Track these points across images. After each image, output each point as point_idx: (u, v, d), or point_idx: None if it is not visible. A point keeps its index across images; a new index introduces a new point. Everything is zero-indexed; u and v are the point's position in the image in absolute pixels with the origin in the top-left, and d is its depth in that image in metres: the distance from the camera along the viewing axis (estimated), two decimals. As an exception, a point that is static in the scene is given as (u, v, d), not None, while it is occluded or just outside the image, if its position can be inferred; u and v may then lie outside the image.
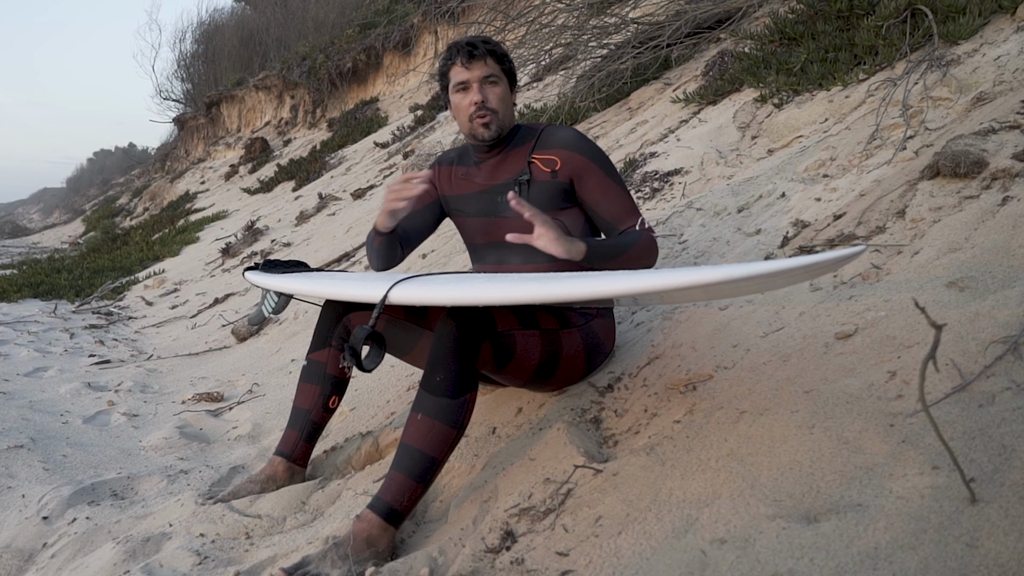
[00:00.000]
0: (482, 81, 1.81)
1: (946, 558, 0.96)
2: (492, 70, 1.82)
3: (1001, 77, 2.42)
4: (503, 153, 1.90)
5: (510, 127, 1.89)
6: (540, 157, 1.85)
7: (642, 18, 5.09)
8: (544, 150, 1.86)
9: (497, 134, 1.85)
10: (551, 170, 1.83)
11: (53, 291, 7.43)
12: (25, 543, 1.91)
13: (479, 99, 1.81)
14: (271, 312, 2.02)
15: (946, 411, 1.20)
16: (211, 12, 36.89)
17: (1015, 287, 1.42)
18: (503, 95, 1.85)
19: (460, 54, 1.81)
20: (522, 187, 1.85)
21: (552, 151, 1.84)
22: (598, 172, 1.82)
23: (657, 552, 1.19)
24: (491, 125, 1.83)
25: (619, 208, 1.82)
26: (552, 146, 1.85)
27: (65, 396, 3.33)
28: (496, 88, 1.83)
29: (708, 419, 1.49)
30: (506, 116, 1.86)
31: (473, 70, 1.81)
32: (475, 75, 1.81)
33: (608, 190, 1.82)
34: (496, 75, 1.83)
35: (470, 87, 1.82)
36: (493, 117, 1.83)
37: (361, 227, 6.01)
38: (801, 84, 3.28)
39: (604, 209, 1.83)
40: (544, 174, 1.84)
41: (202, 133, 22.19)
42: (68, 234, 21.24)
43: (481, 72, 1.81)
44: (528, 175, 1.85)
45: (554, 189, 1.83)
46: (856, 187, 2.27)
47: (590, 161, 1.82)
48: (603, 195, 1.82)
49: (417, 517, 1.70)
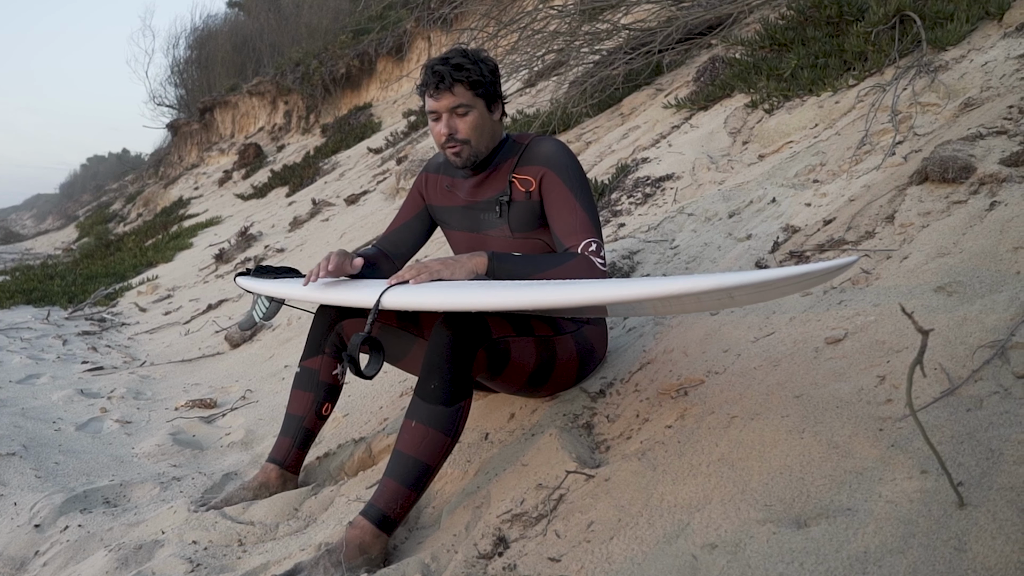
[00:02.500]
0: (451, 112, 1.74)
1: (935, 562, 0.96)
2: (461, 99, 1.73)
3: (989, 83, 2.45)
4: (487, 170, 1.86)
5: (489, 149, 1.83)
6: (519, 176, 1.82)
7: (634, 24, 5.11)
8: (524, 168, 1.82)
9: (471, 162, 1.80)
10: (526, 190, 1.80)
11: (46, 297, 7.40)
12: (17, 551, 1.91)
13: (446, 131, 1.75)
14: (262, 318, 2.02)
15: (935, 415, 1.21)
16: (205, 18, 36.87)
17: (1003, 292, 1.43)
18: (475, 122, 1.76)
19: (428, 84, 1.74)
20: (502, 207, 1.82)
21: (530, 169, 1.80)
22: (561, 185, 1.76)
23: (648, 557, 1.20)
24: (461, 155, 1.78)
25: (569, 224, 1.73)
26: (532, 162, 1.81)
27: (58, 403, 3.32)
28: (467, 118, 1.75)
29: (699, 424, 1.50)
30: (481, 141, 1.79)
31: (440, 100, 1.73)
32: (442, 105, 1.74)
33: (564, 204, 1.74)
34: (466, 103, 1.74)
35: (440, 118, 1.76)
36: (464, 147, 1.77)
37: (355, 233, 6.01)
38: (791, 90, 3.30)
39: (555, 222, 1.76)
40: (521, 194, 1.81)
41: (196, 139, 22.15)
42: (61, 240, 21.18)
43: (448, 103, 1.73)
44: (508, 195, 1.81)
45: (531, 209, 1.80)
46: (846, 192, 2.29)
47: (556, 174, 1.77)
48: (558, 208, 1.75)
49: (410, 523, 1.70)
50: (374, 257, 1.97)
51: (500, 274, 1.62)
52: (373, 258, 1.96)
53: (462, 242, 1.96)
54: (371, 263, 1.94)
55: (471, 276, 1.60)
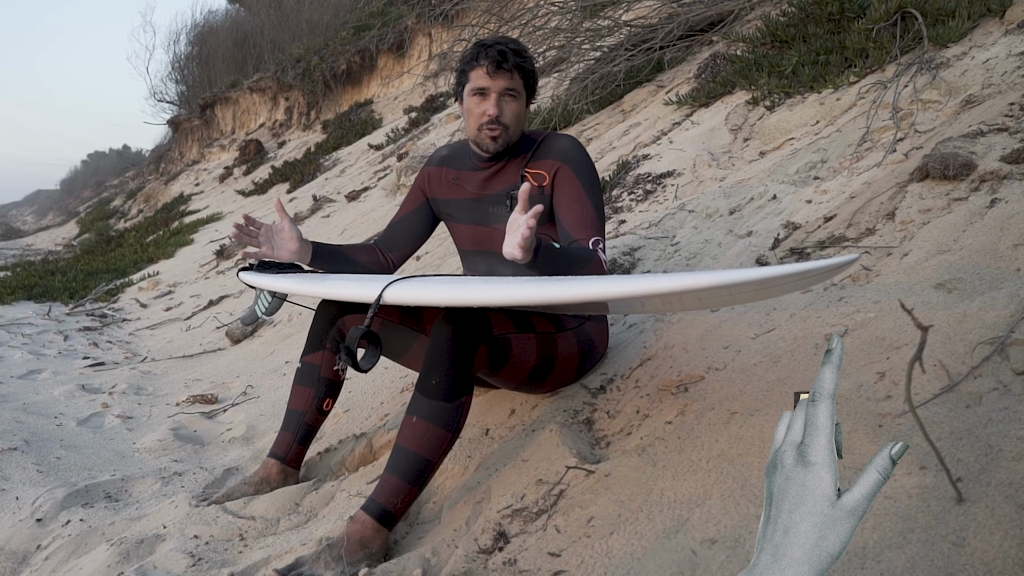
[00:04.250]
0: (502, 93, 1.75)
1: (933, 557, 0.97)
2: (515, 84, 1.75)
3: (990, 80, 2.44)
4: (499, 164, 1.86)
5: (515, 140, 1.84)
6: (532, 172, 1.82)
7: (635, 21, 5.10)
8: (537, 163, 1.82)
9: (503, 147, 1.81)
10: (539, 185, 1.80)
11: (47, 293, 7.40)
12: (19, 545, 1.91)
13: (495, 112, 1.75)
14: (264, 313, 2.02)
15: (934, 412, 1.21)
16: (205, 14, 36.81)
17: (1002, 288, 1.43)
18: (518, 111, 1.79)
19: (488, 59, 1.72)
20: (513, 201, 1.83)
21: (544, 163, 1.81)
22: (575, 180, 1.77)
23: (648, 552, 1.20)
24: (499, 139, 1.78)
25: (580, 219, 1.73)
26: (546, 156, 1.81)
27: (59, 398, 3.32)
28: (513, 103, 1.77)
29: (699, 420, 1.50)
30: (515, 132, 1.81)
31: (496, 80, 1.73)
32: (497, 85, 1.74)
33: (576, 200, 1.75)
34: (517, 90, 1.76)
35: (488, 96, 1.75)
36: (503, 132, 1.78)
37: (355, 229, 6.01)
38: (792, 87, 3.30)
39: (564, 215, 1.75)
40: (533, 189, 1.81)
41: (196, 135, 22.14)
42: (62, 236, 21.19)
43: (504, 84, 1.74)
44: None
45: (543, 204, 1.79)
46: (847, 189, 2.29)
47: (571, 168, 1.77)
48: (570, 202, 1.75)
49: (410, 518, 1.70)
50: (349, 249, 2.02)
51: (543, 260, 1.47)
52: (348, 250, 2.01)
53: (468, 235, 1.96)
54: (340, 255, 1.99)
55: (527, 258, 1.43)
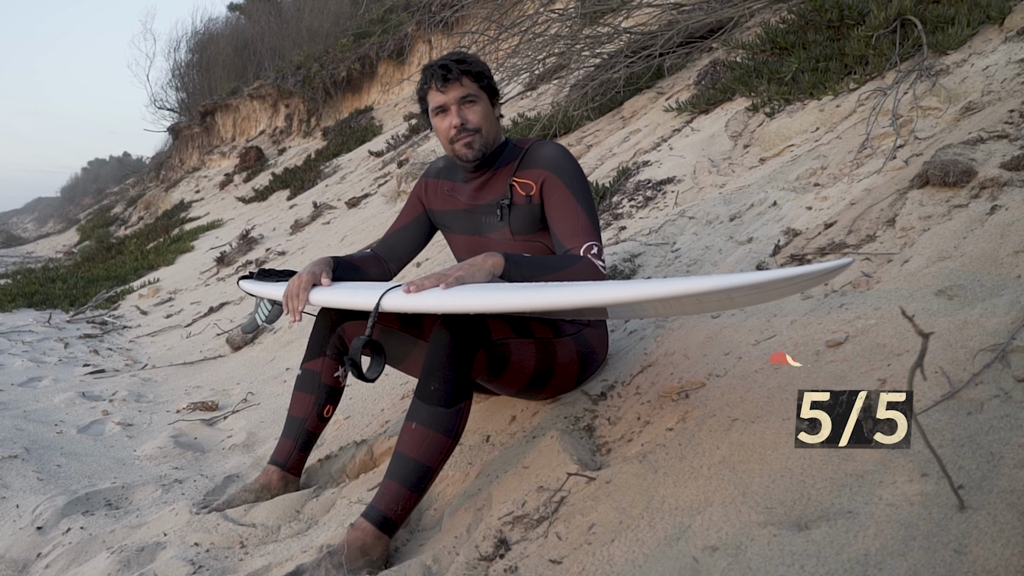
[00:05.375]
0: (459, 102, 1.78)
1: (935, 565, 0.97)
2: (468, 90, 1.78)
3: (989, 87, 2.45)
4: (488, 173, 1.88)
5: (496, 143, 1.86)
6: (519, 180, 1.83)
7: (635, 28, 5.12)
8: (525, 172, 1.83)
9: (481, 153, 1.82)
10: (527, 194, 1.82)
11: (47, 300, 7.41)
12: (19, 553, 1.91)
13: (458, 122, 1.78)
14: (264, 321, 2.02)
15: (935, 419, 1.21)
16: (206, 22, 36.89)
17: (1003, 295, 1.43)
18: (483, 112, 1.81)
19: (434, 78, 1.78)
20: (503, 211, 1.83)
21: (531, 173, 1.82)
22: (562, 188, 1.78)
23: (650, 559, 1.20)
24: (474, 144, 1.80)
25: (570, 225, 1.74)
26: (533, 166, 1.83)
27: (59, 406, 3.32)
28: (475, 107, 1.80)
29: (700, 427, 1.50)
30: (490, 133, 1.83)
31: (449, 92, 1.77)
32: (451, 97, 1.78)
33: (566, 206, 1.76)
34: (473, 94, 1.79)
35: (448, 110, 1.79)
36: (476, 136, 1.80)
37: (355, 236, 6.02)
38: (792, 93, 3.31)
39: (556, 223, 1.77)
40: (521, 198, 1.82)
41: (197, 142, 22.18)
42: (63, 243, 21.21)
43: (457, 93, 1.77)
44: (509, 199, 1.83)
45: (532, 212, 1.82)
46: (847, 196, 2.29)
47: (558, 177, 1.79)
48: (560, 210, 1.76)
49: (411, 525, 1.70)
50: (361, 261, 2.00)
51: (515, 275, 1.59)
52: (360, 262, 2.00)
53: (463, 245, 1.98)
54: (354, 267, 1.97)
55: (489, 277, 1.56)
